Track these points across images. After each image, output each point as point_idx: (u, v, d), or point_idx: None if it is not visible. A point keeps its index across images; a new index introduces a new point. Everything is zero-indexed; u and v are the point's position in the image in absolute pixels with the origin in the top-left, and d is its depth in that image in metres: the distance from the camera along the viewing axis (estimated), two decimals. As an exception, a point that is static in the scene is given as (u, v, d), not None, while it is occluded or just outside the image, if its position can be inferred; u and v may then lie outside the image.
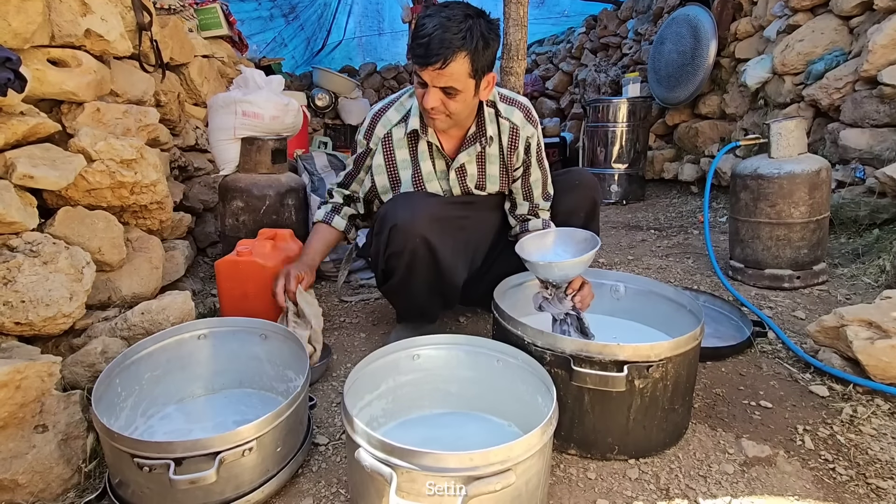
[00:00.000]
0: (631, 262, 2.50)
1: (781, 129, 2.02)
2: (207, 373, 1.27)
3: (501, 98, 1.46)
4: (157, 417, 1.18)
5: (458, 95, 1.25)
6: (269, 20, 5.59)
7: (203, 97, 2.65)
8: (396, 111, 1.46)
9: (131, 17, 1.89)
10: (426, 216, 1.34)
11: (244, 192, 1.98)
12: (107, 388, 1.02)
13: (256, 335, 1.26)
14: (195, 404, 1.25)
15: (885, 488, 1.00)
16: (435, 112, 1.29)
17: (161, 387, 1.19)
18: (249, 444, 0.90)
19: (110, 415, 1.04)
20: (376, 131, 1.48)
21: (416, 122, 1.40)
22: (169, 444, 0.86)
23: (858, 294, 1.92)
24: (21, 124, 1.22)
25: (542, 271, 1.25)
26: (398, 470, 0.78)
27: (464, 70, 1.22)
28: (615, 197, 4.06)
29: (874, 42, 2.27)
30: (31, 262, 1.15)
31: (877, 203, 2.23)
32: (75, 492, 1.02)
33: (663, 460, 1.10)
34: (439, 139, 1.44)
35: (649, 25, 4.73)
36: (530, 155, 1.50)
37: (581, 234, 1.34)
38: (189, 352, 1.22)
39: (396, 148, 1.46)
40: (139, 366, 1.13)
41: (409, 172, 1.46)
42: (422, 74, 1.23)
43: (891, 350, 1.24)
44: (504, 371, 1.11)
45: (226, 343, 1.26)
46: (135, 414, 1.13)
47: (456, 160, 1.44)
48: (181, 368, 1.22)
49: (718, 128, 3.78)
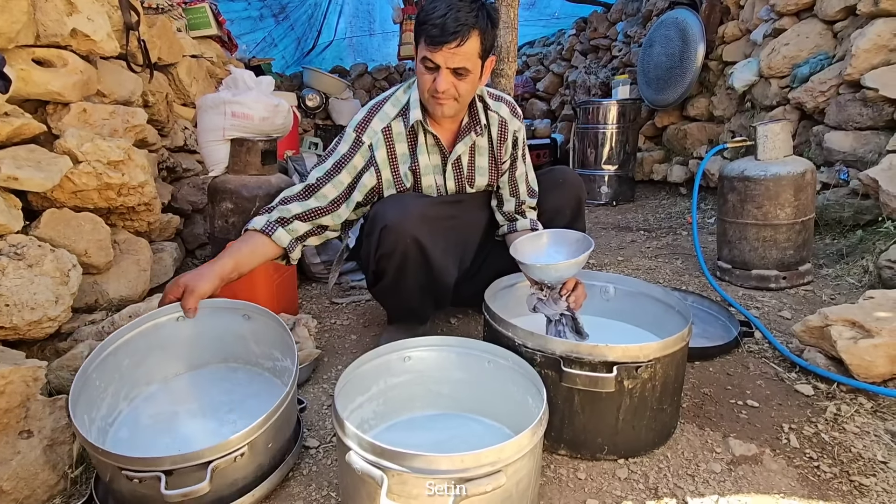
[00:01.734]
0: (620, 262, 2.52)
1: (768, 132, 2.05)
2: (190, 351, 1.21)
3: (488, 94, 1.49)
4: (141, 399, 1.13)
5: (468, 76, 1.27)
6: (258, 20, 5.55)
7: (192, 98, 2.63)
8: (393, 105, 1.44)
9: (118, 16, 1.87)
10: (417, 216, 1.34)
11: (233, 194, 1.97)
12: (84, 385, 0.99)
13: (239, 315, 1.20)
14: (179, 382, 1.20)
15: (868, 485, 1.02)
16: (446, 96, 1.28)
17: (142, 370, 1.14)
18: (241, 449, 0.90)
19: (91, 407, 1.00)
20: (373, 125, 1.41)
21: (417, 113, 1.37)
22: (158, 459, 0.84)
23: (843, 294, 1.95)
24: (5, 125, 1.20)
25: (538, 273, 1.25)
26: (389, 472, 0.78)
27: (475, 49, 1.24)
28: (605, 198, 4.09)
29: (857, 46, 2.31)
30: (16, 265, 1.13)
31: (860, 204, 2.27)
32: (61, 498, 1.00)
33: (652, 460, 1.11)
34: (436, 131, 1.43)
35: (638, 28, 4.77)
36: (517, 149, 1.54)
37: (574, 235, 1.35)
38: (169, 333, 1.15)
39: (396, 142, 1.43)
40: (116, 356, 1.08)
41: (406, 167, 1.44)
42: (434, 56, 1.23)
43: (873, 349, 1.26)
44: (495, 373, 1.12)
45: (207, 323, 1.19)
46: (117, 399, 1.09)
47: (453, 152, 1.44)
48: (161, 349, 1.15)
49: (707, 130, 3.82)
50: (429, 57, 1.24)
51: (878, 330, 1.28)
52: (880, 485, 1.02)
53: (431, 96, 1.30)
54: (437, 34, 1.20)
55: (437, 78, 1.25)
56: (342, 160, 1.39)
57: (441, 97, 1.28)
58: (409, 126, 1.40)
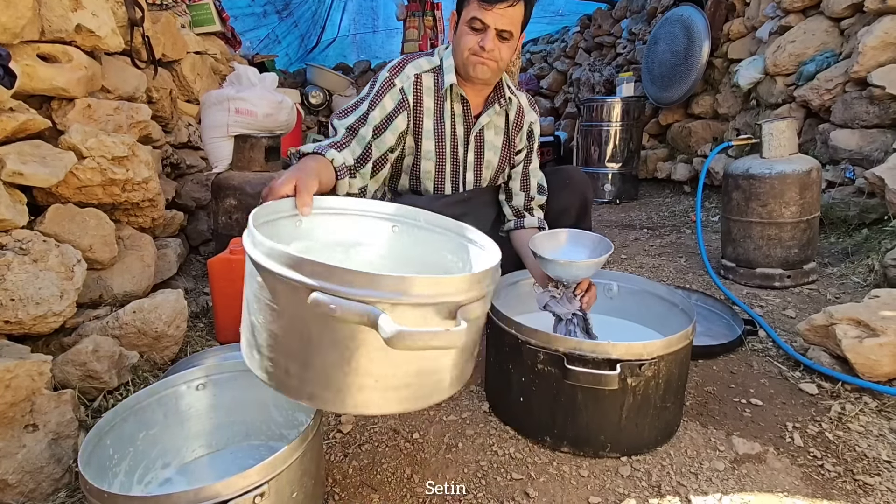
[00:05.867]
0: (624, 260, 2.52)
1: (773, 130, 2.03)
2: (209, 427, 1.13)
3: (508, 82, 1.50)
4: (156, 484, 1.05)
5: (509, 42, 1.30)
6: (262, 17, 5.55)
7: (196, 94, 2.63)
8: (427, 61, 1.43)
9: (123, 12, 1.87)
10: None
11: (237, 190, 1.97)
12: (96, 448, 0.90)
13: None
14: (198, 465, 1.11)
15: (872, 484, 1.01)
16: (491, 56, 1.30)
17: (158, 447, 1.06)
18: (261, 488, 0.78)
19: (102, 481, 0.92)
20: (406, 70, 1.38)
21: (452, 77, 1.38)
22: (168, 497, 0.75)
23: (847, 293, 1.94)
24: (11, 120, 1.20)
25: (559, 270, 1.24)
26: (383, 304, 0.63)
27: (520, 15, 1.28)
28: (609, 196, 4.08)
29: (864, 44, 2.29)
30: (21, 260, 1.14)
31: (866, 203, 2.26)
32: (66, 491, 1.01)
33: (655, 458, 1.11)
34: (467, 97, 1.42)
35: (643, 25, 4.75)
36: (532, 141, 1.56)
37: (592, 236, 1.34)
38: (188, 404, 1.09)
39: (424, 95, 1.39)
40: (132, 424, 1.00)
41: (431, 122, 1.41)
42: (485, 16, 1.25)
43: (879, 348, 1.26)
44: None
45: (227, 391, 1.13)
46: (130, 480, 1.00)
47: (478, 122, 1.44)
48: (179, 424, 1.09)
49: (711, 128, 3.81)
50: (479, 17, 1.26)
51: (884, 329, 1.28)
52: (885, 484, 1.02)
53: (474, 54, 1.31)
54: None
55: (484, 38, 1.28)
56: (374, 100, 1.34)
57: (486, 57, 1.30)
58: (440, 87, 1.40)
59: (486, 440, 1.17)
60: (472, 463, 1.10)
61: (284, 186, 0.96)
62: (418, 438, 1.18)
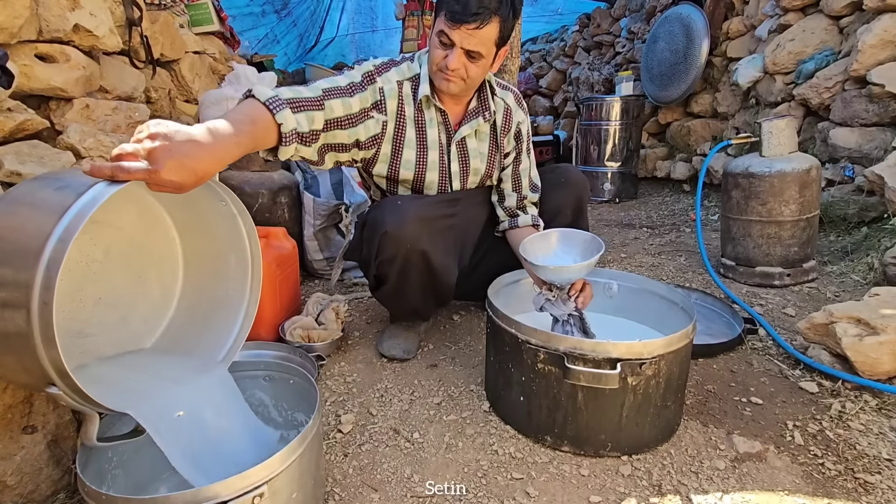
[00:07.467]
0: (624, 259, 2.51)
1: (772, 128, 2.03)
2: None
3: (496, 83, 1.48)
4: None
5: (480, 61, 1.25)
6: (261, 16, 5.53)
7: (194, 94, 2.62)
8: (409, 67, 1.39)
9: (121, 11, 1.87)
10: (416, 219, 1.31)
11: (236, 190, 1.94)
12: (94, 450, 0.88)
13: (260, 378, 1.14)
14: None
15: (873, 483, 1.01)
16: (455, 74, 1.26)
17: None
18: (260, 489, 0.77)
19: (100, 483, 0.91)
20: (389, 74, 1.35)
21: (426, 88, 1.34)
22: (167, 498, 0.74)
23: (847, 291, 1.94)
24: (8, 120, 1.20)
25: (549, 275, 1.24)
26: None
27: (493, 35, 1.22)
28: (608, 195, 4.07)
29: (863, 42, 2.29)
30: (20, 261, 1.13)
31: (865, 201, 2.26)
32: (66, 493, 1.00)
33: (655, 457, 1.11)
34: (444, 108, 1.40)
35: (642, 24, 4.74)
36: (521, 141, 1.52)
37: (583, 236, 1.33)
38: None
39: (405, 103, 1.36)
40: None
41: (413, 132, 1.39)
42: (451, 33, 1.21)
43: (879, 346, 1.26)
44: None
45: None
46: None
47: (458, 132, 1.42)
48: None
49: (710, 126, 3.80)
50: (446, 32, 1.21)
51: (884, 327, 1.27)
52: (885, 482, 1.01)
53: (440, 70, 1.28)
54: (459, 11, 1.17)
55: (449, 55, 1.23)
56: (354, 87, 1.27)
57: (450, 75, 1.26)
58: (417, 98, 1.37)
59: (487, 439, 1.17)
60: (472, 462, 1.10)
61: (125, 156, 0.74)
62: (418, 438, 1.18)
